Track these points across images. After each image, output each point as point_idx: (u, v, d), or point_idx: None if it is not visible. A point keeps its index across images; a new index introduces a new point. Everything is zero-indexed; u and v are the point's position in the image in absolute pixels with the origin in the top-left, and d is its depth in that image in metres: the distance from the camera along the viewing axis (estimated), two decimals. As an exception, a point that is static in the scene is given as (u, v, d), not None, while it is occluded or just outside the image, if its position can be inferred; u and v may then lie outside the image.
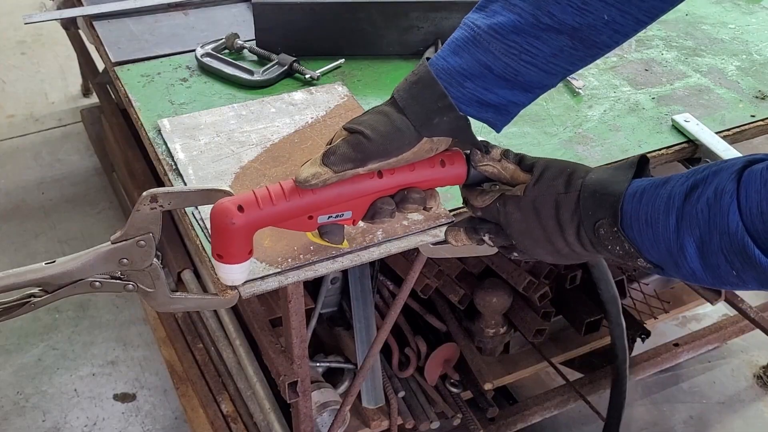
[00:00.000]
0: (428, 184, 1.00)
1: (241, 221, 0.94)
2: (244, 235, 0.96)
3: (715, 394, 2.44)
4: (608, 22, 0.92)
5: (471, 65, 0.95)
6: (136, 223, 0.99)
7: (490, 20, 0.94)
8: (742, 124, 1.53)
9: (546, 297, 1.90)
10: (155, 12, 1.78)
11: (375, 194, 0.99)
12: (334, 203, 0.97)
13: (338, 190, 0.96)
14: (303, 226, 0.99)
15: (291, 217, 0.97)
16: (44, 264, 1.00)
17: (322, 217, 0.98)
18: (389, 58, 1.65)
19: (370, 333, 1.82)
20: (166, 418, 2.28)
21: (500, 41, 0.93)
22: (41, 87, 3.67)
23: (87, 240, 2.82)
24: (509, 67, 0.94)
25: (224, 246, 0.97)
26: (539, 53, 0.94)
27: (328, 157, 0.95)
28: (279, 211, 0.96)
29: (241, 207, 0.94)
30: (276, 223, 0.97)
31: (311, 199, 0.96)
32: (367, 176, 0.97)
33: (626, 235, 0.86)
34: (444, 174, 1.00)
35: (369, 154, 0.95)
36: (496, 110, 0.99)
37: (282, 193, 0.96)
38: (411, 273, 1.43)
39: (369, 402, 1.84)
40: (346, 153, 0.94)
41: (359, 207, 0.99)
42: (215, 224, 0.95)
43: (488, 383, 1.93)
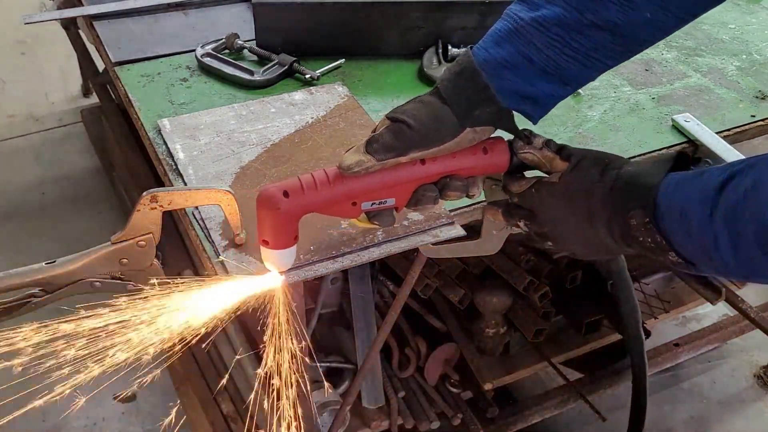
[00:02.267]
0: (471, 172, 1.01)
1: (286, 206, 0.95)
2: (290, 220, 0.97)
3: (715, 394, 2.44)
4: (650, 19, 0.92)
5: (512, 57, 0.96)
6: (136, 223, 0.99)
7: (534, 13, 0.95)
8: (742, 124, 1.53)
9: (546, 297, 1.90)
10: (155, 12, 1.78)
11: (417, 181, 0.99)
12: (377, 190, 0.98)
13: (381, 177, 0.97)
14: (347, 212, 1.00)
15: (335, 203, 0.98)
16: (44, 264, 1.00)
17: (365, 204, 0.99)
18: (389, 58, 1.65)
19: (370, 333, 1.82)
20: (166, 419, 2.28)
21: (543, 33, 0.94)
22: (41, 87, 3.67)
23: (87, 240, 2.81)
24: (550, 60, 0.95)
25: (270, 231, 0.98)
26: (580, 47, 0.94)
27: (370, 145, 0.96)
28: (323, 197, 0.97)
29: (287, 192, 0.95)
30: (320, 209, 0.98)
31: (354, 186, 0.97)
32: (410, 164, 0.98)
33: (658, 227, 0.85)
34: (486, 161, 1.01)
35: (411, 144, 0.96)
36: (534, 102, 1.00)
37: (326, 179, 0.97)
38: (411, 273, 1.43)
39: (369, 402, 1.84)
40: (388, 141, 0.96)
41: (402, 194, 1.00)
42: (261, 210, 0.96)
43: (488, 383, 1.93)
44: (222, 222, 1.17)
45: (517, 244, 1.90)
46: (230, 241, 1.14)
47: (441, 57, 1.61)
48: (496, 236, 1.15)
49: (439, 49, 1.63)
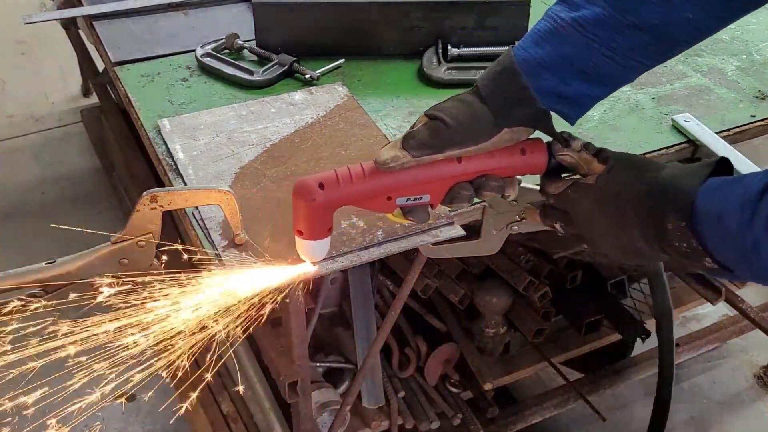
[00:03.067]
0: (507, 172, 1.01)
1: (321, 198, 0.96)
2: (325, 212, 0.98)
3: (715, 394, 2.43)
4: (691, 20, 0.92)
5: (551, 57, 0.96)
6: (136, 223, 0.99)
7: (574, 13, 0.95)
8: (742, 124, 1.53)
9: (546, 297, 1.90)
10: (155, 12, 1.78)
11: (453, 179, 1.00)
12: (413, 186, 0.99)
13: (416, 173, 0.98)
14: (382, 207, 1.00)
15: (370, 197, 0.99)
16: (44, 264, 1.00)
17: (400, 199, 1.00)
18: (389, 58, 1.65)
19: (370, 333, 1.82)
20: (166, 418, 2.28)
21: (582, 34, 0.94)
22: (41, 87, 3.67)
23: (87, 240, 2.82)
24: (589, 61, 0.95)
25: (305, 222, 0.99)
26: (619, 48, 0.94)
27: (407, 141, 0.96)
28: (358, 191, 0.97)
29: (322, 184, 0.96)
30: (355, 202, 0.99)
31: (390, 181, 0.98)
32: (446, 161, 0.98)
33: (695, 232, 0.84)
34: (523, 162, 1.01)
35: (447, 142, 0.96)
36: (571, 103, 1.00)
37: (362, 173, 0.97)
38: (411, 273, 1.43)
39: (369, 402, 1.84)
40: (424, 139, 0.96)
41: (437, 191, 1.00)
42: (297, 201, 0.97)
43: (488, 383, 1.93)
44: (222, 222, 1.17)
45: (517, 244, 1.90)
46: (230, 241, 1.14)
47: (441, 57, 1.61)
48: (496, 236, 1.15)
49: (439, 49, 1.63)
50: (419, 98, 1.54)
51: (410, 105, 1.52)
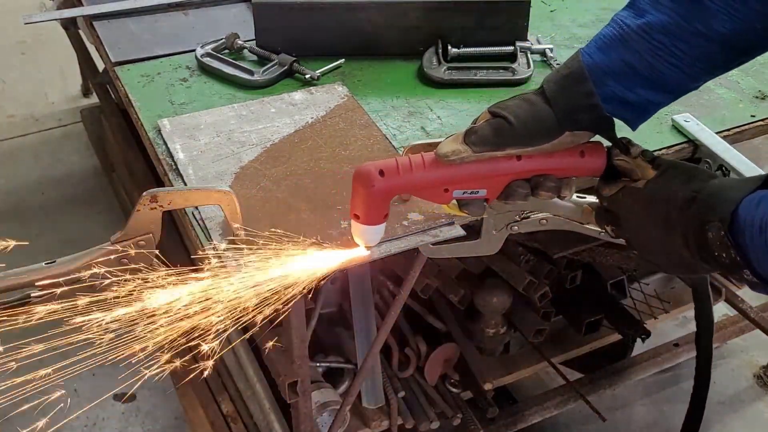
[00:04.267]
0: (565, 173, 1.02)
1: (380, 185, 0.98)
2: (382, 198, 1.00)
3: (715, 394, 2.43)
4: (759, 29, 0.92)
5: (616, 63, 0.96)
6: (136, 223, 0.99)
7: (640, 19, 0.95)
8: (742, 124, 1.53)
9: (546, 297, 1.90)
10: (155, 12, 1.78)
11: (511, 176, 1.01)
12: (470, 180, 1.00)
13: (475, 168, 0.99)
14: (438, 198, 1.02)
15: (427, 188, 1.01)
16: (44, 264, 1.00)
17: (457, 192, 1.01)
18: (389, 58, 1.65)
19: (370, 333, 1.82)
20: (166, 418, 2.28)
21: (647, 41, 0.95)
22: (41, 87, 3.67)
23: (87, 240, 2.81)
24: (653, 68, 0.95)
25: (362, 207, 1.02)
26: (684, 56, 0.94)
27: (469, 136, 0.98)
28: (417, 180, 0.99)
29: (382, 172, 0.98)
30: (412, 190, 1.01)
31: (449, 173, 0.99)
32: (506, 158, 0.99)
33: (735, 242, 0.84)
34: (582, 165, 1.02)
35: (508, 140, 0.97)
36: (634, 110, 1.00)
37: (422, 164, 0.99)
38: (411, 273, 1.43)
39: (369, 402, 1.84)
40: (486, 135, 0.97)
41: (494, 186, 1.02)
42: (356, 186, 1.00)
43: (488, 383, 1.93)
44: (222, 222, 1.17)
45: (517, 244, 1.90)
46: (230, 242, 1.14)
47: (441, 57, 1.61)
48: (496, 236, 1.15)
49: (439, 49, 1.63)
50: (419, 98, 1.54)
51: (410, 105, 1.52)
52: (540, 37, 1.74)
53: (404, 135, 1.43)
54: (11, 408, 1.08)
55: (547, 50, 1.68)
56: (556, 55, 1.68)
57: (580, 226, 1.14)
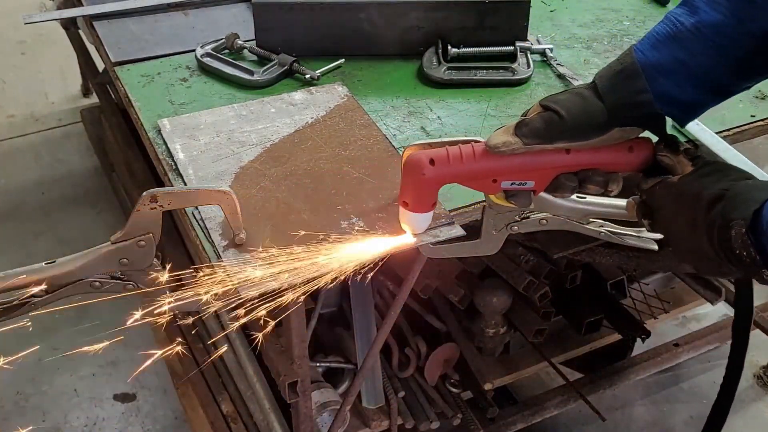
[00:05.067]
0: (613, 167, 1.03)
1: (431, 173, 1.00)
2: (432, 187, 1.03)
3: (715, 394, 2.43)
4: None
5: (668, 61, 0.97)
6: (136, 223, 0.99)
7: (693, 18, 0.95)
8: (742, 124, 1.53)
9: (546, 297, 1.90)
10: (155, 12, 1.78)
11: (560, 169, 1.02)
12: (519, 172, 1.02)
13: (524, 159, 1.00)
14: (486, 188, 1.05)
15: (476, 178, 1.02)
16: (44, 264, 1.00)
17: (505, 183, 1.03)
18: (389, 58, 1.65)
19: (370, 333, 1.82)
20: (166, 418, 2.28)
21: (700, 40, 0.95)
22: (41, 87, 3.67)
23: (87, 240, 2.81)
24: (705, 67, 0.96)
25: (412, 195, 1.04)
26: (736, 56, 0.95)
27: (520, 128, 0.99)
28: (466, 170, 1.01)
29: (433, 161, 1.00)
30: (462, 180, 1.03)
31: (498, 164, 1.01)
32: (555, 151, 1.00)
33: (754, 241, 0.84)
34: (629, 160, 1.02)
35: (558, 134, 0.98)
36: (684, 108, 1.01)
37: (472, 155, 1.01)
38: (411, 273, 1.43)
39: (369, 402, 1.84)
40: (537, 128, 0.98)
41: (542, 179, 1.03)
42: (407, 173, 1.02)
43: (488, 383, 1.93)
44: (222, 222, 1.17)
45: (517, 244, 1.90)
46: (230, 241, 1.14)
47: (441, 57, 1.61)
48: (496, 236, 1.15)
49: (439, 49, 1.63)
50: (419, 98, 1.54)
51: (410, 105, 1.52)
52: (540, 37, 1.74)
53: (404, 135, 1.43)
54: (11, 407, 1.07)
55: (547, 50, 1.68)
56: (556, 55, 1.68)
57: (580, 226, 1.14)
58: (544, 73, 1.64)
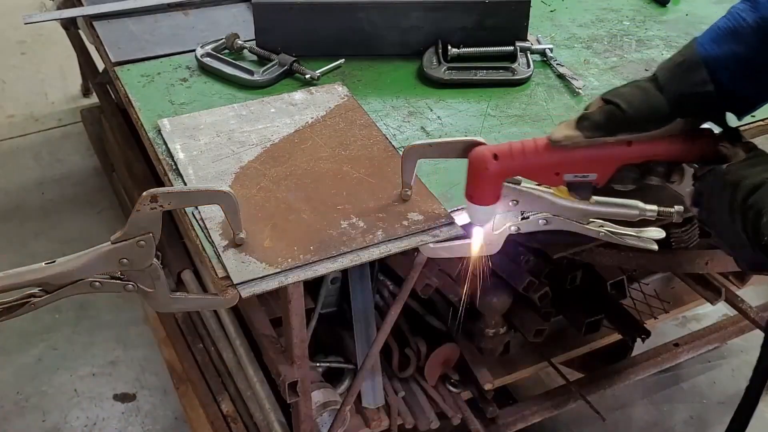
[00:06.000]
0: (673, 158, 1.04)
1: (494, 168, 1.04)
2: (496, 180, 1.06)
3: (715, 394, 2.44)
4: None
5: (727, 56, 0.97)
6: (136, 223, 0.99)
7: (756, 13, 0.96)
8: (742, 124, 1.52)
9: (546, 297, 1.90)
10: (155, 12, 1.78)
11: (621, 161, 1.03)
12: (581, 164, 1.03)
13: (587, 152, 1.02)
14: (549, 180, 1.07)
15: (538, 171, 1.05)
16: (44, 264, 1.00)
17: (567, 176, 1.05)
18: (389, 58, 1.65)
19: (370, 333, 1.82)
20: (166, 418, 2.28)
21: (760, 36, 0.95)
22: (41, 87, 3.67)
23: (87, 240, 2.81)
24: (764, 63, 0.96)
25: (476, 188, 1.07)
26: None
27: (581, 122, 1.00)
28: (529, 164, 1.04)
29: (497, 156, 1.03)
30: (524, 173, 1.06)
31: (560, 158, 1.03)
32: (617, 144, 1.02)
33: None
34: (689, 150, 1.03)
35: (620, 127, 0.99)
36: (743, 102, 1.01)
37: (534, 148, 1.03)
38: (411, 273, 1.43)
39: (369, 402, 1.84)
40: (599, 121, 1.00)
41: (604, 171, 1.04)
42: (472, 168, 1.06)
43: (488, 383, 1.93)
44: (222, 222, 1.17)
45: (517, 244, 1.90)
46: (230, 241, 1.14)
47: (441, 57, 1.61)
48: (496, 236, 1.15)
49: (439, 49, 1.63)
50: (419, 98, 1.54)
51: (410, 105, 1.52)
52: (540, 37, 1.74)
53: (404, 135, 1.43)
54: (11, 407, 1.07)
55: (547, 50, 1.68)
56: (556, 55, 1.68)
57: (580, 226, 1.14)
58: (544, 73, 1.64)
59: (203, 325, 2.05)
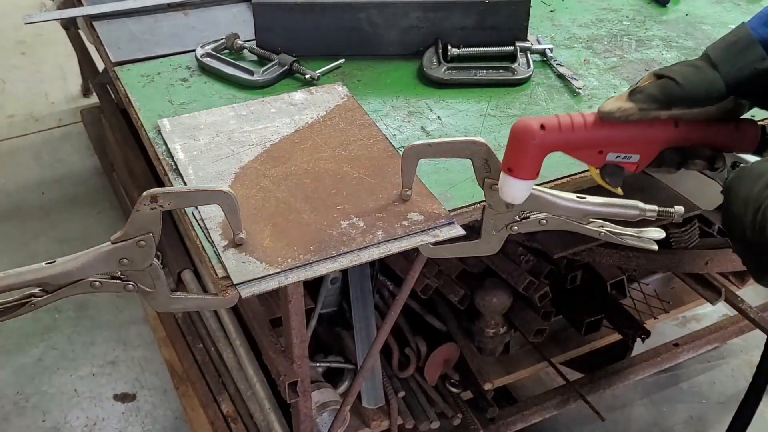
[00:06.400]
0: (720, 145, 1.03)
1: (540, 139, 1.00)
2: (539, 153, 1.02)
3: (715, 394, 2.44)
4: None
5: None
6: (136, 223, 0.99)
7: None
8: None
9: (546, 297, 1.90)
10: (155, 12, 1.78)
11: (667, 143, 1.02)
12: (627, 143, 1.02)
13: (634, 130, 1.01)
14: (591, 159, 1.04)
15: (583, 147, 1.02)
16: (44, 264, 1.00)
17: (611, 155, 1.03)
18: (389, 58, 1.65)
19: (370, 333, 1.82)
20: (166, 418, 2.28)
21: None
22: (41, 87, 3.67)
23: (87, 240, 2.82)
24: None
25: (518, 160, 1.03)
26: None
27: (634, 95, 0.99)
28: (575, 139, 1.01)
29: (543, 126, 1.00)
30: (569, 149, 1.03)
31: (607, 135, 1.01)
32: (663, 124, 1.00)
33: None
34: (735, 138, 1.03)
35: (675, 99, 0.99)
36: None
37: (583, 123, 1.01)
38: (411, 273, 1.43)
39: (369, 402, 1.84)
40: (653, 93, 0.99)
41: (648, 153, 1.03)
42: (515, 138, 1.01)
43: (488, 383, 1.94)
44: (222, 222, 1.17)
45: (517, 244, 1.91)
46: (230, 241, 1.14)
47: (441, 57, 1.61)
48: (495, 236, 1.15)
49: (439, 49, 1.63)
50: (419, 98, 1.54)
51: (410, 105, 1.52)
52: (540, 37, 1.74)
53: (404, 135, 1.43)
54: (11, 407, 1.07)
55: (547, 50, 1.68)
56: (556, 55, 1.68)
57: (580, 226, 1.14)
58: (544, 73, 1.64)
59: (203, 325, 2.05)
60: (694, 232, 1.98)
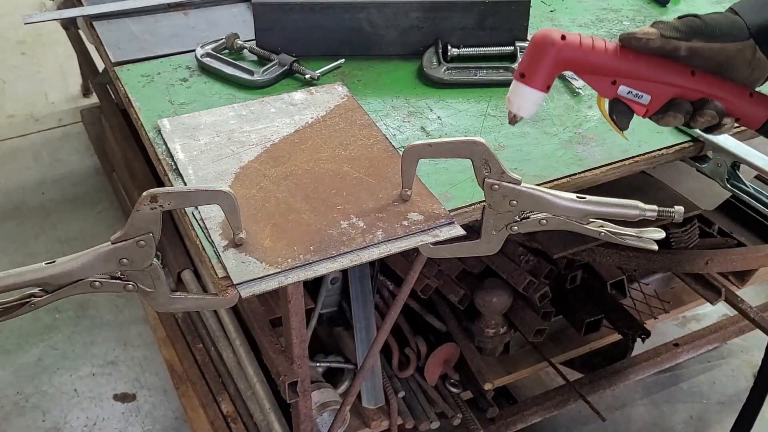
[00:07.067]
0: (730, 105, 1.04)
1: (559, 47, 1.01)
2: (555, 64, 1.03)
3: (715, 394, 2.44)
4: None
5: None
6: (136, 223, 0.99)
7: None
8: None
9: (546, 297, 1.90)
10: (155, 12, 1.78)
11: (680, 89, 1.03)
12: (641, 79, 1.03)
13: (649, 66, 1.02)
14: (603, 88, 1.05)
15: (598, 72, 1.03)
16: (44, 264, 1.00)
17: (623, 88, 1.04)
18: (389, 58, 1.65)
19: (370, 333, 1.82)
20: (166, 418, 2.28)
21: None
22: (41, 87, 3.67)
23: (87, 240, 2.82)
24: None
25: (532, 66, 1.04)
26: None
27: (658, 24, 1.02)
28: (592, 60, 1.02)
29: (564, 37, 1.01)
30: (584, 70, 1.04)
31: (624, 64, 1.02)
32: (681, 68, 1.02)
33: None
34: (747, 106, 1.04)
35: (697, 31, 1.01)
36: None
37: (603, 47, 1.02)
38: (411, 273, 1.43)
39: (369, 402, 1.84)
40: (676, 24, 1.02)
41: (659, 96, 1.04)
42: (534, 44, 1.03)
43: (488, 383, 1.93)
44: (222, 222, 1.17)
45: (517, 244, 1.90)
46: (230, 241, 1.14)
47: (441, 57, 1.62)
48: (496, 236, 1.15)
49: (439, 49, 1.63)
50: (419, 98, 1.54)
51: (410, 105, 1.52)
52: (540, 37, 1.74)
53: (404, 135, 1.43)
54: (11, 407, 1.07)
55: (547, 50, 1.68)
56: (556, 55, 1.68)
57: (580, 226, 1.14)
58: (544, 73, 1.64)
59: (203, 325, 2.05)
60: (694, 232, 1.97)
